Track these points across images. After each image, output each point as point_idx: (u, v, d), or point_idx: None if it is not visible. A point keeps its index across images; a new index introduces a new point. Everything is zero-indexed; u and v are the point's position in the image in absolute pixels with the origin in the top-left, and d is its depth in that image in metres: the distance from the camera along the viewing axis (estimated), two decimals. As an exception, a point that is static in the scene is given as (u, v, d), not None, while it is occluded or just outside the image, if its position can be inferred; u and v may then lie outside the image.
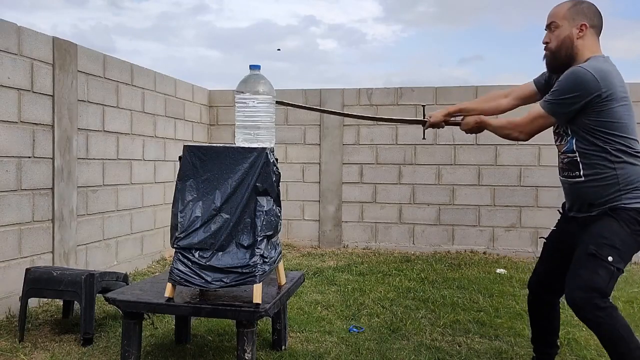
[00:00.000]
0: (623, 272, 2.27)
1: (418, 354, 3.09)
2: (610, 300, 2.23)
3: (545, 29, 2.38)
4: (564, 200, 2.55)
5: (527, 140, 2.48)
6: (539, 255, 2.78)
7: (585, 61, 2.27)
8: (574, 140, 2.31)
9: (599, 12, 2.34)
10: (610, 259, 2.19)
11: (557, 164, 2.48)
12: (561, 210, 2.59)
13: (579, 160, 2.31)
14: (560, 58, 2.32)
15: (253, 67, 2.70)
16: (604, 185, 2.26)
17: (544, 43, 2.38)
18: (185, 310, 2.68)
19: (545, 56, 2.39)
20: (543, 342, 2.72)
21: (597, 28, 2.34)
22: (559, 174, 2.47)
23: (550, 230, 2.67)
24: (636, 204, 2.23)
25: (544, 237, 2.70)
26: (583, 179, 2.30)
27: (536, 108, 2.36)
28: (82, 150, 4.49)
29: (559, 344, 2.76)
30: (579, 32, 2.27)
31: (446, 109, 2.81)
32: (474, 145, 6.36)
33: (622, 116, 2.23)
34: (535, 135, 2.43)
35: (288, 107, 6.69)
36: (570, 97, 2.21)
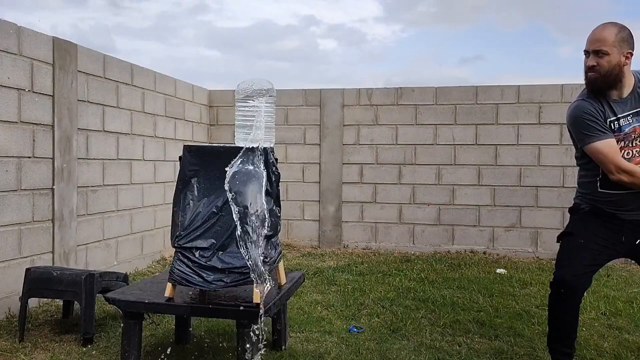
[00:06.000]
0: None
1: (418, 354, 3.09)
2: None
3: (591, 53, 2.51)
4: (581, 204, 2.65)
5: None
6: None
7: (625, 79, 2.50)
8: None
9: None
10: None
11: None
12: (594, 215, 2.60)
13: None
14: (609, 81, 2.50)
15: None
16: None
17: (590, 66, 2.52)
18: (185, 310, 2.69)
19: (594, 78, 2.52)
20: (567, 342, 2.65)
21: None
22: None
23: (578, 230, 2.65)
24: None
25: (570, 233, 2.68)
26: None
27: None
28: (82, 150, 4.49)
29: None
30: (626, 59, 2.49)
31: None
32: (474, 145, 6.35)
33: None
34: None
35: (288, 107, 6.70)
36: None
